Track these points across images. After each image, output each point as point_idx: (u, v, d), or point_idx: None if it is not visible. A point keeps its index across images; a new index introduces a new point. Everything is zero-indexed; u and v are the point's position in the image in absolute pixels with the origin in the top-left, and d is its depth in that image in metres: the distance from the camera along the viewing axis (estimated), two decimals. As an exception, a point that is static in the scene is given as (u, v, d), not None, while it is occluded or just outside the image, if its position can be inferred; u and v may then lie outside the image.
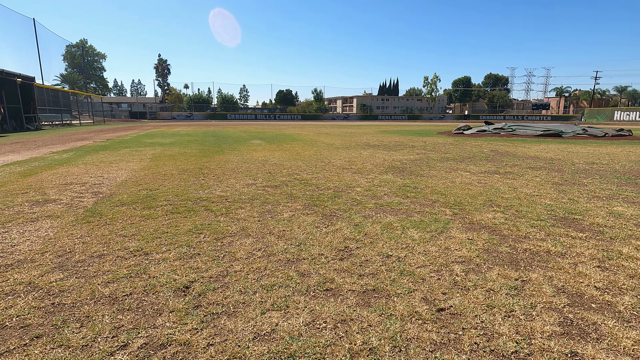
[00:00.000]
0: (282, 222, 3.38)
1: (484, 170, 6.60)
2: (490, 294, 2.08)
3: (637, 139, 14.63)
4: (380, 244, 2.85)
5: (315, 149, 10.35)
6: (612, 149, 10.78)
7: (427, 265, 2.47)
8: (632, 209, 3.98)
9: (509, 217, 3.63)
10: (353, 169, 6.56)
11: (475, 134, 16.74)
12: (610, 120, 50.84)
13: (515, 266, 2.47)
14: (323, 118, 66.52)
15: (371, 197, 4.43)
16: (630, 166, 7.21)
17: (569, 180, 5.69)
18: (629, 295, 2.08)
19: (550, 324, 1.79)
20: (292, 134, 17.88)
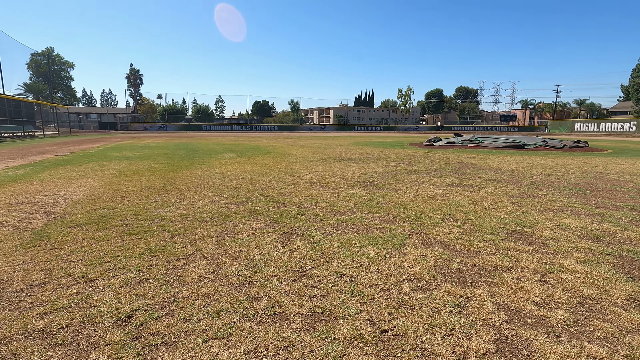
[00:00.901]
0: (241, 241, 3.35)
1: (448, 183, 6.81)
2: (434, 312, 2.13)
3: (592, 150, 15.55)
4: (336, 262, 2.87)
5: (287, 162, 10.36)
6: (569, 160, 11.40)
7: (378, 284, 2.50)
8: (578, 220, 4.20)
9: (464, 231, 3.75)
10: (321, 183, 6.60)
11: (445, 146, 17.28)
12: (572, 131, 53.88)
13: (463, 282, 2.55)
14: (300, 129, 66.80)
15: (335, 212, 4.47)
16: (583, 177, 7.64)
17: (525, 192, 5.95)
18: (562, 310, 2.19)
19: (486, 341, 1.86)
20: (266, 146, 17.82)
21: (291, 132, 54.58)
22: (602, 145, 19.72)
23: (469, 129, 71.11)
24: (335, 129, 68.30)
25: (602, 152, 14.65)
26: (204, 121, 68.09)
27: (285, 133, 51.37)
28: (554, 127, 59.07)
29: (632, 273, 2.74)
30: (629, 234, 3.70)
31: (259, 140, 24.91)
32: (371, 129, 69.84)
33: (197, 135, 36.72)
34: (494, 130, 69.59)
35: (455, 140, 18.34)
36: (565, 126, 56.52)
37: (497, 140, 17.08)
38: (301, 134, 48.07)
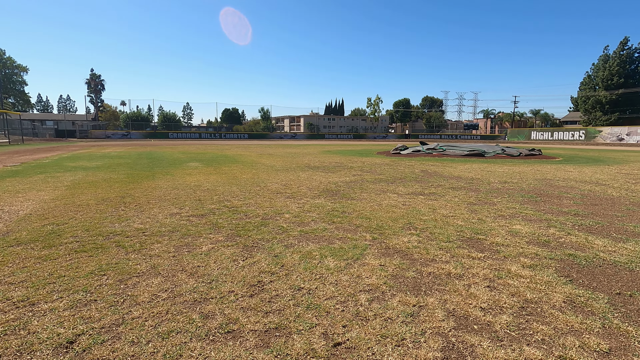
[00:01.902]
0: (199, 256, 3.27)
1: (411, 191, 7.01)
2: (387, 323, 2.18)
3: (545, 158, 16.60)
4: (295, 275, 2.87)
5: (254, 171, 10.26)
6: (524, 167, 12.10)
7: (335, 296, 2.53)
8: (528, 226, 4.47)
9: (422, 239, 3.88)
10: (287, 194, 6.60)
11: (411, 154, 17.81)
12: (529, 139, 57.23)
13: (417, 291, 2.63)
14: (270, 137, 66.44)
15: (298, 224, 4.48)
16: (535, 184, 8.13)
17: (482, 199, 6.25)
18: (506, 314, 2.31)
19: (434, 349, 1.93)
20: (234, 155, 17.57)
21: (261, 141, 54.17)
22: (554, 153, 21.10)
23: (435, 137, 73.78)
24: (306, 137, 68.54)
25: (553, 160, 15.67)
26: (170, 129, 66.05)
27: (255, 141, 50.90)
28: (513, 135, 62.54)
29: (571, 276, 2.95)
30: (572, 239, 3.97)
31: (228, 149, 24.51)
32: (342, 137, 70.71)
33: (163, 144, 35.57)
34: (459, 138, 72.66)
35: (420, 148, 18.95)
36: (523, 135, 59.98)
37: (460, 149, 17.83)
38: (271, 142, 47.83)
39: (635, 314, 2.34)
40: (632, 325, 2.18)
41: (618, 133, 45.79)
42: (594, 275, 2.96)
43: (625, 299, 2.55)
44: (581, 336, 2.06)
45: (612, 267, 3.14)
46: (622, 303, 2.49)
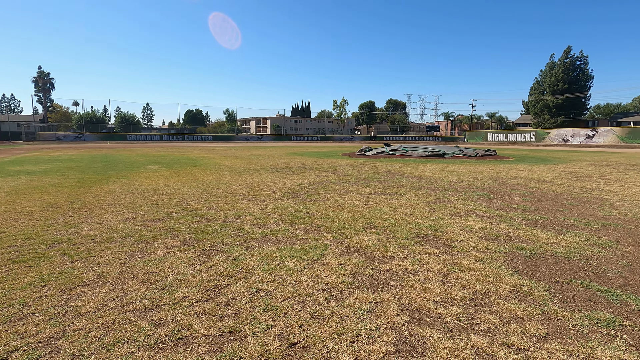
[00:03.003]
0: (153, 262, 3.13)
1: (373, 191, 7.15)
2: (343, 320, 2.20)
3: (499, 158, 17.59)
4: (253, 278, 2.83)
5: (217, 174, 10.02)
6: (479, 167, 12.75)
7: (294, 296, 2.52)
8: (481, 222, 4.70)
9: (382, 238, 3.96)
10: (250, 196, 6.50)
11: (375, 155, 18.20)
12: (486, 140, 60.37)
13: (374, 288, 2.68)
14: (236, 139, 65.24)
15: (260, 226, 4.42)
16: (489, 183, 8.58)
17: (440, 198, 6.50)
18: (457, 306, 2.41)
19: (387, 344, 1.97)
20: (197, 158, 17.06)
21: (227, 143, 53.05)
22: (507, 153, 22.41)
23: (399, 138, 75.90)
24: (273, 139, 68.03)
25: (507, 160, 16.64)
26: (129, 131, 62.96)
27: (220, 143, 49.75)
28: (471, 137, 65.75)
29: (517, 267, 3.13)
30: (519, 232, 4.23)
31: (190, 151, 23.77)
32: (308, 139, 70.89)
33: (120, 146, 33.82)
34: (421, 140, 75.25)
35: (384, 150, 19.41)
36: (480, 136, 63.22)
37: (421, 150, 18.47)
38: (237, 144, 46.99)
39: (571, 299, 2.53)
40: (568, 310, 2.36)
41: (564, 135, 49.50)
42: (537, 266, 3.17)
43: (563, 287, 2.75)
44: (523, 323, 2.20)
45: (553, 258, 3.38)
46: (560, 290, 2.68)
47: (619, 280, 2.87)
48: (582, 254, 3.48)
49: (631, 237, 4.08)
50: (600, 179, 9.30)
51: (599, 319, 2.24)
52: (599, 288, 2.71)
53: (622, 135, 43.39)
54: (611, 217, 5.01)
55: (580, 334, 2.09)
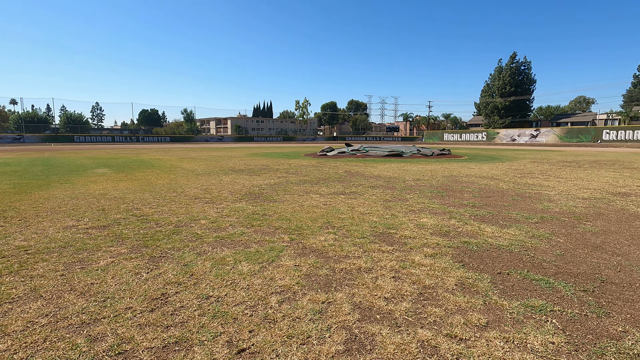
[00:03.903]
0: (94, 273, 2.93)
1: (333, 191, 7.21)
2: (295, 322, 2.19)
3: (453, 157, 18.49)
4: (204, 284, 2.73)
5: (172, 176, 9.61)
6: (435, 166, 13.31)
7: (245, 301, 2.47)
8: (433, 219, 4.89)
9: (338, 237, 4.00)
10: (206, 199, 6.29)
11: (337, 155, 18.40)
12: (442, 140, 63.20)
13: (328, 288, 2.69)
14: (195, 140, 63.09)
15: (215, 229, 4.29)
16: (443, 181, 8.98)
17: (397, 196, 6.69)
18: (406, 301, 2.49)
19: (337, 343, 1.98)
20: (151, 160, 16.27)
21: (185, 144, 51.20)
22: (461, 153, 23.63)
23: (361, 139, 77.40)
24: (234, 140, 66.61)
25: (460, 159, 17.53)
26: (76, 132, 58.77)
27: (178, 145, 47.88)
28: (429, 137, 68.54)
29: (464, 261, 3.29)
30: (467, 228, 4.45)
31: (145, 153, 22.63)
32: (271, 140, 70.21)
33: (66, 149, 31.46)
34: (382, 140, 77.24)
35: (346, 150, 19.68)
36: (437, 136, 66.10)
37: (381, 150, 18.95)
38: (196, 145, 45.47)
39: (510, 289, 2.70)
40: (507, 300, 2.51)
41: (511, 135, 53.07)
42: (482, 259, 3.35)
43: (504, 277, 2.93)
44: (466, 314, 2.31)
45: (496, 250, 3.59)
46: (501, 281, 2.85)
47: (552, 269, 3.10)
48: (522, 246, 3.73)
49: (564, 228, 4.44)
50: (541, 176, 10.07)
51: (533, 306, 2.41)
52: (534, 277, 2.92)
53: (561, 134, 47.34)
54: (548, 211, 5.43)
55: (516, 321, 2.23)
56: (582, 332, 2.11)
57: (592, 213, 5.27)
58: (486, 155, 20.50)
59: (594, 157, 18.93)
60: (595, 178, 9.46)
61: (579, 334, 2.08)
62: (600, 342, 2.00)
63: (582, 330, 2.13)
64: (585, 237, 4.05)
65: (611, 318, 2.27)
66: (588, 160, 16.02)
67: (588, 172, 10.89)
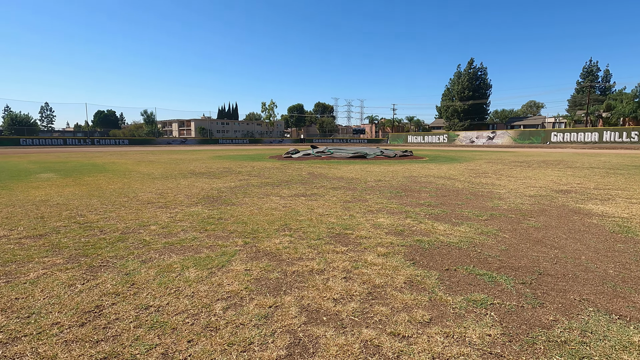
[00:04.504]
0: (20, 287, 2.68)
1: (294, 193, 7.16)
2: (238, 329, 2.11)
3: (415, 158, 19.06)
4: (145, 293, 2.58)
5: (126, 180, 9.12)
6: (397, 167, 13.64)
7: (188, 309, 2.35)
8: (390, 219, 4.97)
9: (294, 239, 3.95)
10: (160, 203, 6.02)
11: (302, 157, 18.37)
12: (406, 142, 65.05)
13: (277, 292, 2.63)
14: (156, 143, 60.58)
15: (165, 235, 4.09)
16: (403, 181, 9.20)
17: (357, 197, 6.75)
18: (355, 302, 2.48)
19: (280, 348, 1.93)
20: (105, 164, 15.39)
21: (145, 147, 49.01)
22: (422, 154, 24.43)
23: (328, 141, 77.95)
24: (198, 142, 64.68)
25: (421, 160, 18.11)
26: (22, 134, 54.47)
27: (137, 147, 45.74)
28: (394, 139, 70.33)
29: (415, 259, 3.36)
30: (421, 226, 4.56)
31: (99, 157, 21.38)
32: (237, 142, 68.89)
33: (10, 152, 29.04)
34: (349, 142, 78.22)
35: (311, 152, 19.71)
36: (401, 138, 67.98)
37: (346, 152, 19.16)
38: (157, 148, 43.66)
39: (455, 285, 2.78)
40: (451, 295, 2.58)
41: (470, 137, 55.68)
42: (432, 256, 3.44)
43: (451, 273, 3.01)
44: (411, 311, 2.34)
45: (446, 248, 3.70)
46: (448, 277, 2.93)
47: (496, 264, 3.24)
48: (470, 242, 3.87)
49: (511, 224, 4.68)
50: (494, 175, 10.60)
51: (475, 300, 2.49)
52: (479, 272, 3.03)
53: (514, 136, 50.33)
54: (498, 208, 5.70)
55: (458, 315, 2.29)
56: (517, 323, 2.21)
57: (536, 209, 5.60)
58: (446, 157, 21.33)
59: (542, 157, 20.27)
60: (542, 177, 10.10)
61: (514, 325, 2.17)
62: (532, 332, 2.10)
63: (517, 321, 2.23)
64: (528, 232, 4.28)
65: (544, 308, 2.39)
66: (537, 161, 17.12)
67: (536, 172, 11.62)
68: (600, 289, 2.69)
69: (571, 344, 1.97)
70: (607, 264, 3.22)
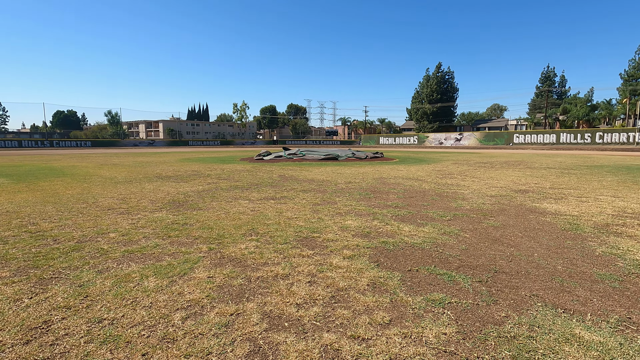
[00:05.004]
0: (-42, 303, 2.48)
1: (263, 196, 7.09)
2: (196, 339, 2.06)
3: (385, 160, 19.43)
4: (99, 305, 2.46)
5: (86, 185, 8.68)
6: (367, 169, 13.84)
7: (145, 320, 2.27)
8: (358, 221, 5.04)
9: (260, 244, 3.91)
10: (122, 209, 5.77)
11: (273, 160, 18.24)
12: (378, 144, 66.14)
13: (239, 299, 2.60)
14: (122, 144, 58.12)
15: (125, 243, 3.93)
16: (372, 183, 9.35)
17: (326, 199, 6.79)
18: (317, 306, 2.49)
19: (239, 357, 1.90)
20: (64, 167, 14.58)
21: (110, 149, 46.88)
22: (393, 155, 24.94)
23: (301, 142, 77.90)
24: (167, 144, 62.66)
25: (391, 161, 18.49)
26: (-28, 136, 50.50)
27: (101, 150, 43.65)
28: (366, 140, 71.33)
29: (379, 261, 3.42)
30: (388, 228, 4.65)
31: (58, 160, 20.22)
32: (207, 144, 67.36)
33: (-43, 155, 26.85)
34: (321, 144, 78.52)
35: (283, 154, 19.61)
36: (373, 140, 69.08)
37: (317, 154, 19.23)
38: (122, 150, 41.85)
39: (417, 285, 2.86)
40: (412, 296, 2.65)
41: (439, 138, 57.48)
42: (396, 257, 3.51)
43: (413, 274, 3.09)
44: (372, 313, 2.38)
45: (410, 248, 3.80)
46: (410, 278, 3.01)
47: (456, 263, 3.36)
48: (433, 243, 3.99)
49: (472, 224, 4.87)
50: (459, 176, 11.00)
51: (434, 300, 2.57)
52: (439, 272, 3.13)
53: (480, 138, 52.47)
54: (461, 208, 5.92)
55: (417, 316, 2.35)
56: (471, 320, 2.30)
57: (496, 209, 5.86)
58: (415, 158, 21.89)
59: (505, 158, 21.26)
60: (503, 177, 10.60)
61: (468, 323, 2.26)
62: (485, 329, 2.19)
63: (472, 319, 2.32)
64: (487, 232, 4.47)
65: (497, 305, 2.51)
66: (500, 161, 17.93)
67: (498, 172, 12.17)
68: (549, 285, 2.86)
69: (519, 338, 2.08)
70: (557, 260, 3.42)
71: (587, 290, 2.75)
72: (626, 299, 2.60)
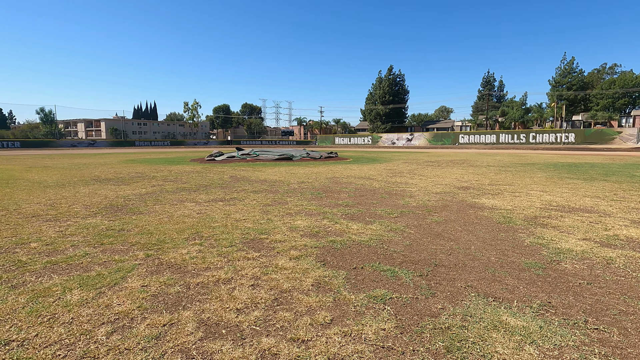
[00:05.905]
0: None
1: (211, 198, 6.82)
2: (122, 355, 1.89)
3: (340, 160, 19.70)
4: (9, 325, 2.18)
5: (8, 190, 7.78)
6: (321, 168, 13.92)
7: (63, 339, 2.04)
8: (307, 221, 5.01)
9: (204, 248, 3.73)
10: (49, 216, 5.23)
11: (226, 160, 17.71)
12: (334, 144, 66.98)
13: (175, 308, 2.44)
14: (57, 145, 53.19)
15: (48, 253, 3.55)
16: (325, 182, 9.40)
17: (278, 200, 6.69)
18: (259, 310, 2.41)
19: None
20: (-15, 171, 12.98)
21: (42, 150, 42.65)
22: (347, 155, 25.37)
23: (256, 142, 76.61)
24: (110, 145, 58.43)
25: (345, 161, 18.78)
26: None
27: (31, 151, 39.59)
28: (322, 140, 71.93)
29: (325, 260, 3.41)
30: (337, 227, 4.68)
31: (-22, 162, 17.98)
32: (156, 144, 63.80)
33: None
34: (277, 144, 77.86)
35: (235, 154, 19.11)
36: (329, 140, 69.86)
37: (272, 154, 18.99)
38: (57, 151, 38.25)
39: (361, 282, 2.88)
40: (355, 294, 2.66)
41: (392, 138, 59.55)
42: (342, 256, 3.53)
43: (358, 272, 3.12)
44: (314, 314, 2.35)
45: (357, 246, 3.84)
46: (355, 275, 3.03)
47: (399, 259, 3.45)
48: (379, 240, 4.07)
49: (417, 220, 5.05)
50: (408, 174, 11.43)
51: (376, 297, 2.61)
52: (383, 268, 3.19)
53: (430, 138, 55.20)
54: (408, 206, 6.13)
55: (358, 313, 2.37)
56: (410, 314, 2.36)
57: (440, 205, 6.15)
58: (368, 157, 22.45)
59: (451, 157, 22.53)
60: (448, 175, 11.19)
61: (407, 317, 2.32)
62: (422, 322, 2.26)
63: (410, 313, 2.38)
64: (430, 227, 4.66)
65: (435, 298, 2.60)
66: (446, 160, 18.96)
67: (444, 170, 12.84)
68: (483, 275, 3.03)
69: (453, 329, 2.16)
70: (490, 252, 3.64)
71: (515, 279, 2.95)
72: (547, 285, 2.83)
